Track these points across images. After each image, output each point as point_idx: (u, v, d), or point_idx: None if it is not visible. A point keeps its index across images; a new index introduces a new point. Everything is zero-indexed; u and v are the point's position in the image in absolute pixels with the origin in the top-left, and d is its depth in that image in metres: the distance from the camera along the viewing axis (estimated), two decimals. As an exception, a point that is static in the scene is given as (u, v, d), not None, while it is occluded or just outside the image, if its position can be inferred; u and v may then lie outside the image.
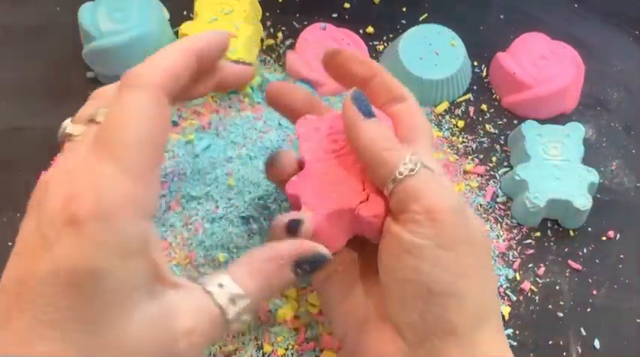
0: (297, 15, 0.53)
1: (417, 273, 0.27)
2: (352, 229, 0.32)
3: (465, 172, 0.46)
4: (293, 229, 0.29)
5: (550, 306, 0.42)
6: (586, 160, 0.46)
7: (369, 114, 0.30)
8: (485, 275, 0.28)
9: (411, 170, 0.28)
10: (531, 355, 0.40)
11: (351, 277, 0.33)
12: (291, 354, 0.40)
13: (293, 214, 0.30)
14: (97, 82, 0.50)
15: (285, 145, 0.43)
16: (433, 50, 0.48)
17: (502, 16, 0.54)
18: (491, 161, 0.47)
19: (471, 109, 0.49)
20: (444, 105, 0.49)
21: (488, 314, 0.28)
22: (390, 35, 0.52)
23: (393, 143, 0.29)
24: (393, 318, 0.29)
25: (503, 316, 0.41)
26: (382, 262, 0.29)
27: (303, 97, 0.35)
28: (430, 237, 0.27)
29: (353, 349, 0.31)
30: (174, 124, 0.47)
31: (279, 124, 0.45)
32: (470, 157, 0.47)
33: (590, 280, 0.43)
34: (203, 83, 0.30)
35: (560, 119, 0.49)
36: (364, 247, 0.33)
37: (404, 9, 0.54)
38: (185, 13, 0.54)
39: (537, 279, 0.43)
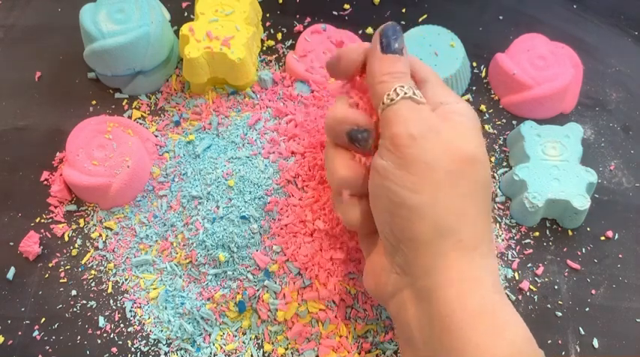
0: (297, 16, 0.54)
1: (383, 189, 0.31)
2: None
3: (465, 173, 0.47)
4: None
5: (549, 305, 0.42)
6: (585, 161, 0.46)
7: (387, 48, 0.33)
8: (444, 195, 0.30)
9: (392, 100, 0.32)
10: (530, 354, 0.40)
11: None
12: (291, 353, 0.40)
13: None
14: (97, 83, 0.50)
15: (285, 144, 0.43)
16: (432, 51, 0.49)
17: (501, 17, 0.55)
18: (490, 161, 0.47)
19: (470, 109, 0.50)
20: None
21: (449, 230, 0.30)
22: (390, 36, 0.52)
23: (391, 77, 0.33)
24: (379, 232, 0.33)
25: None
26: (369, 188, 0.34)
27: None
28: (392, 159, 0.31)
29: (367, 265, 0.36)
30: (176, 124, 0.47)
31: (279, 124, 0.45)
32: (469, 158, 0.47)
33: (588, 280, 0.43)
34: None
35: (559, 119, 0.49)
36: None
37: (403, 10, 0.54)
38: (185, 13, 0.54)
39: (536, 278, 0.43)
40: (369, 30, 0.53)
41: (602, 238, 0.45)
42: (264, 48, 0.52)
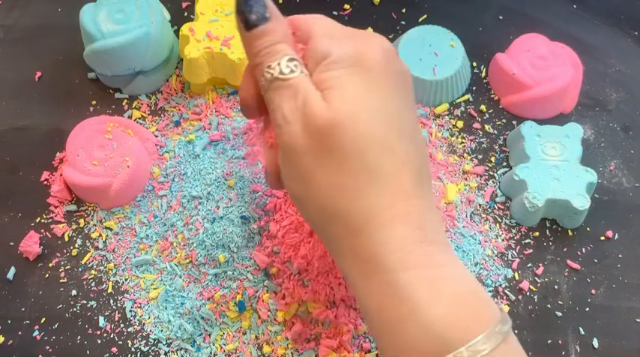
0: (297, 16, 0.54)
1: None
2: None
3: (464, 173, 0.47)
4: None
5: (549, 305, 0.42)
6: (585, 161, 0.46)
7: (248, 24, 0.30)
8: (317, 179, 0.28)
9: (263, 87, 0.30)
10: (530, 354, 0.40)
11: None
12: (291, 353, 0.40)
13: None
14: (97, 83, 0.50)
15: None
16: (432, 51, 0.49)
17: (501, 17, 0.55)
18: (490, 161, 0.47)
19: (470, 109, 0.50)
20: (444, 106, 0.49)
21: (334, 213, 0.28)
22: (390, 36, 0.52)
23: (260, 56, 0.30)
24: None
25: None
26: None
27: None
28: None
29: None
30: (176, 124, 0.47)
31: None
32: (469, 158, 0.47)
33: (588, 280, 0.43)
34: None
35: (559, 119, 0.49)
36: None
37: (403, 10, 0.54)
38: (185, 13, 0.54)
39: (536, 278, 0.43)
40: (369, 30, 0.53)
41: (602, 238, 0.45)
42: (264, 48, 0.52)
